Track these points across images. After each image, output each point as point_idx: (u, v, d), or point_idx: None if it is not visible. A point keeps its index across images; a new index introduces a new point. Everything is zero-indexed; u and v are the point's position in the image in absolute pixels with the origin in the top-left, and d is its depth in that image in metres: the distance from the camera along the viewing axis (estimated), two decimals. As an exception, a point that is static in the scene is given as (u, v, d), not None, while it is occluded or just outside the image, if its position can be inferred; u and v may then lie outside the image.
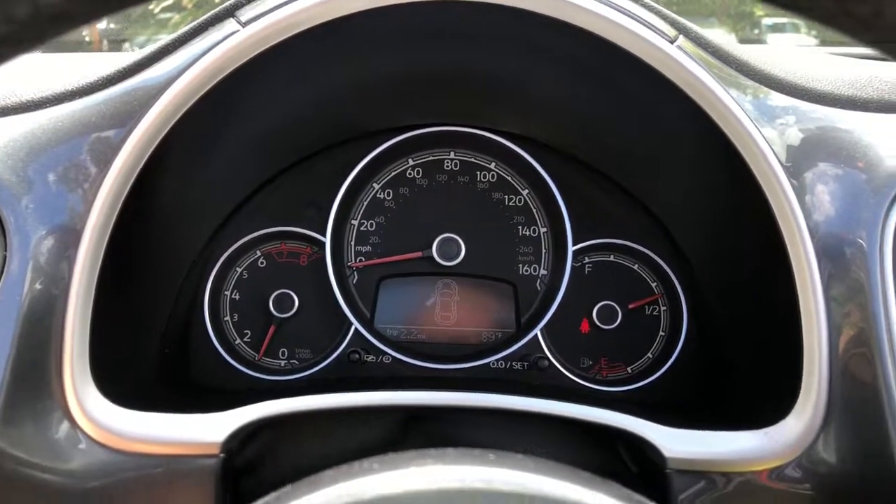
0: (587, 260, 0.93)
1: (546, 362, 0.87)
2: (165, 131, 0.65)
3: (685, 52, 0.64)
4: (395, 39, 0.70)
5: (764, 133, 0.66)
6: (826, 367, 0.66)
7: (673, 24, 0.67)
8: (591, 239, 0.92)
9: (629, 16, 0.63)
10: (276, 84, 0.72)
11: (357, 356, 0.89)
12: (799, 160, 0.66)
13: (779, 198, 0.65)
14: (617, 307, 0.91)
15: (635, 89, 0.70)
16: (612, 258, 0.93)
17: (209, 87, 0.64)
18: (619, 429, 0.70)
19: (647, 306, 0.92)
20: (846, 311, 0.65)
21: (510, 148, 0.91)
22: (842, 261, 0.66)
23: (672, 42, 0.65)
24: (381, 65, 0.74)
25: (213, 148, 0.76)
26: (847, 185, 0.66)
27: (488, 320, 0.94)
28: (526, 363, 0.88)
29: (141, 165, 0.65)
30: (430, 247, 0.93)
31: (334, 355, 0.89)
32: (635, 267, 0.92)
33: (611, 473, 0.74)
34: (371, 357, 0.89)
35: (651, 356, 0.91)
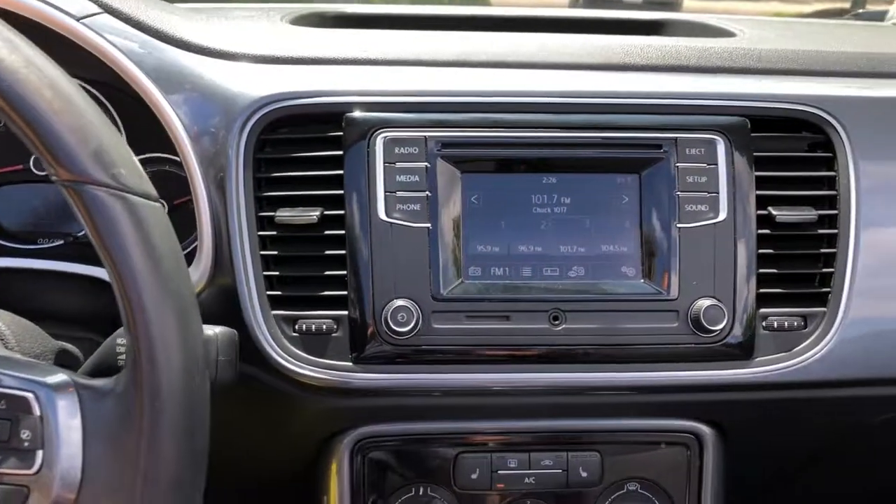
0: (147, 169, 1.27)
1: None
2: None
3: (89, 27, 0.99)
4: None
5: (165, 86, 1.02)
6: (210, 230, 1.02)
7: (100, 4, 1.02)
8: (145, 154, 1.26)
9: None
10: None
11: None
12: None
13: (171, 133, 1.01)
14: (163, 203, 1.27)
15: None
16: (167, 168, 1.27)
17: None
18: None
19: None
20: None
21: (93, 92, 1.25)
22: (216, 165, 1.02)
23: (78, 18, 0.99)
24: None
25: None
26: (216, 111, 1.02)
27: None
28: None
29: None
30: (28, 161, 1.26)
31: None
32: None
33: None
34: None
35: None
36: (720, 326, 0.99)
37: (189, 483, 0.63)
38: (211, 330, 0.81)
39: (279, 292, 1.01)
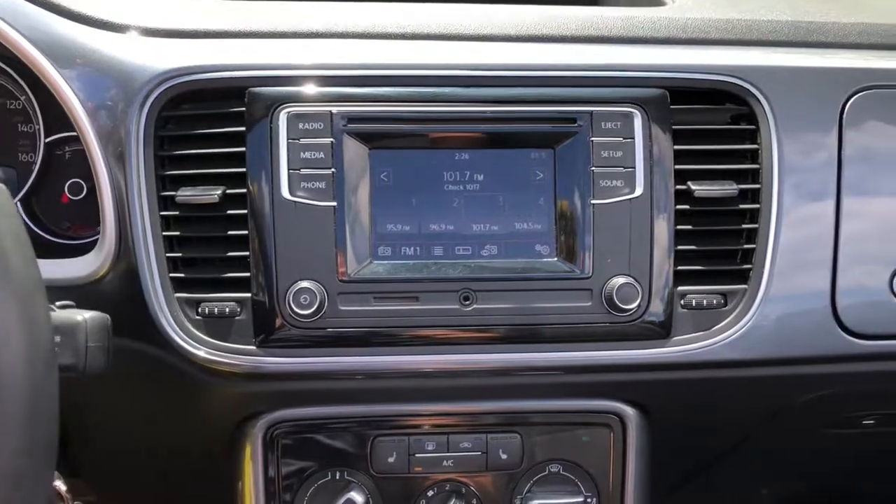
0: (67, 149, 1.23)
1: None
2: None
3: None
4: None
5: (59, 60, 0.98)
6: (112, 211, 0.99)
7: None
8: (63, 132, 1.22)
9: None
10: None
11: None
12: None
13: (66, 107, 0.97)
14: (83, 183, 1.23)
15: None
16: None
17: None
18: None
19: None
20: None
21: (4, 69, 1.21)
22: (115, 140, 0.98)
23: None
24: None
25: None
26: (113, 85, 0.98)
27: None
28: None
29: None
30: None
31: None
32: None
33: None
34: None
35: None
36: (634, 305, 0.97)
37: (30, 478, 0.60)
38: (80, 315, 0.78)
39: (182, 274, 0.99)
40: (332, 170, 0.96)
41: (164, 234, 0.98)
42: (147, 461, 1.20)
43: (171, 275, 0.98)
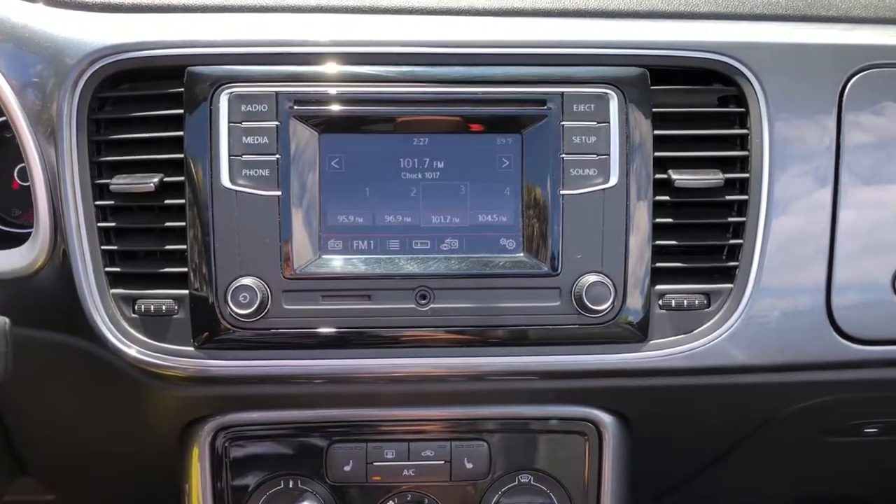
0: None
1: None
2: None
3: None
4: None
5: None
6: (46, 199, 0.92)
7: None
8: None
9: None
10: None
11: None
12: None
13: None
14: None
15: None
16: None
17: None
18: None
19: None
20: None
21: None
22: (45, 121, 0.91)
23: None
24: None
25: None
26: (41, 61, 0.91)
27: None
28: None
29: None
30: None
31: None
32: None
33: None
34: None
35: None
36: (606, 305, 0.88)
37: None
38: None
39: (118, 269, 0.91)
40: (277, 156, 0.88)
41: (100, 225, 0.91)
42: (99, 462, 1.14)
43: (107, 269, 0.91)
